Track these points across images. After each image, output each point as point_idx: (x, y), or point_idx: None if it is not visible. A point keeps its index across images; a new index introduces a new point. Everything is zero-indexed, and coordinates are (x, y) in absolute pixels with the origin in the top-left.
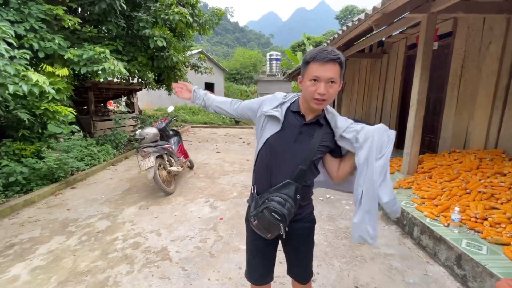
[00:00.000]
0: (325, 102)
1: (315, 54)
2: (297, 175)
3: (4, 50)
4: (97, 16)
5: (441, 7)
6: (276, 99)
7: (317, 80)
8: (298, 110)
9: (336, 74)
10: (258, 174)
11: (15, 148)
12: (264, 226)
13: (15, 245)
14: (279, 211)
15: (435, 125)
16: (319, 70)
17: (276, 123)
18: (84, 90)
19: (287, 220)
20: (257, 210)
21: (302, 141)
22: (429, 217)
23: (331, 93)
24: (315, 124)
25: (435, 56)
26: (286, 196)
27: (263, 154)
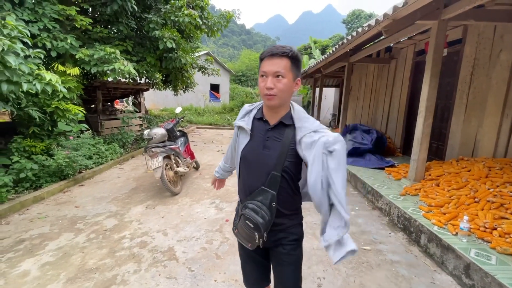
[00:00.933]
0: (276, 98)
1: (264, 50)
2: (270, 181)
3: (20, 49)
4: (108, 16)
5: (452, 14)
6: (243, 110)
7: (264, 75)
8: (261, 116)
9: (284, 68)
10: (239, 184)
11: (26, 145)
12: (242, 234)
13: (25, 240)
14: (252, 219)
15: (442, 132)
16: (266, 64)
17: (245, 133)
18: (93, 89)
19: (262, 230)
20: (237, 219)
21: (271, 147)
22: (436, 225)
23: (280, 88)
24: (281, 127)
25: (444, 63)
26: (260, 203)
27: (241, 166)
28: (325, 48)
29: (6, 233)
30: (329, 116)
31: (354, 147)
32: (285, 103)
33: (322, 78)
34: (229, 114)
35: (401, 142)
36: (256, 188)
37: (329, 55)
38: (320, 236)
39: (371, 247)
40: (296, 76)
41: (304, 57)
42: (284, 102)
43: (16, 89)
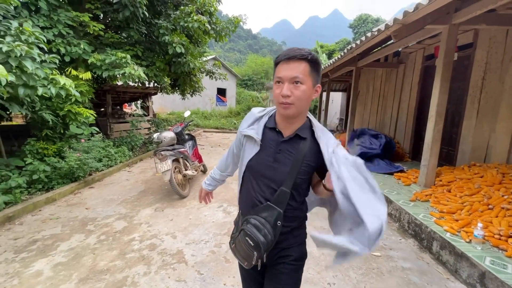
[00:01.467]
0: (293, 107)
1: (279, 54)
2: (278, 198)
3: (37, 54)
4: (119, 22)
5: (463, 19)
6: (252, 115)
7: (280, 81)
8: (274, 126)
9: (302, 72)
10: (242, 195)
11: (39, 147)
12: (240, 251)
13: (38, 241)
14: (253, 236)
15: (453, 137)
16: (282, 69)
17: (254, 143)
18: (103, 93)
19: (262, 250)
20: (237, 233)
21: (282, 161)
22: (449, 232)
23: (298, 95)
24: (296, 139)
25: (454, 67)
26: (264, 221)
27: (246, 177)
28: (331, 53)
29: (20, 233)
30: (336, 120)
31: (362, 152)
32: (302, 113)
33: (329, 83)
34: (235, 118)
35: (410, 147)
36: (261, 202)
37: (337, 59)
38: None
39: (381, 253)
40: (316, 82)
41: None
42: (301, 112)
43: (32, 93)
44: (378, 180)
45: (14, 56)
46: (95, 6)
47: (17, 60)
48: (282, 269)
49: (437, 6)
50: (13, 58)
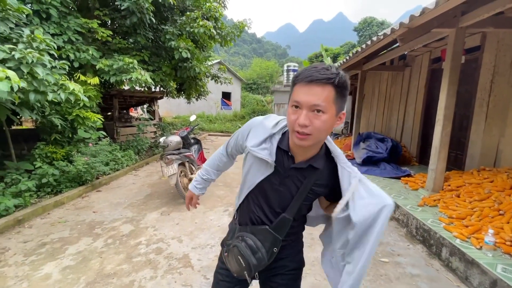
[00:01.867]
0: (310, 138)
1: (300, 72)
2: (278, 224)
3: (47, 61)
4: (126, 28)
5: (470, 22)
6: (264, 129)
7: (298, 106)
8: (286, 149)
9: (326, 100)
10: (243, 207)
11: (48, 151)
12: (231, 263)
13: (46, 244)
14: (246, 257)
15: (461, 141)
16: (301, 93)
17: (266, 164)
18: (110, 97)
19: (253, 271)
20: (231, 242)
21: (288, 185)
22: (459, 238)
23: (317, 126)
24: (309, 168)
25: (462, 70)
26: (260, 244)
27: (251, 193)
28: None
29: (29, 237)
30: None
31: (368, 156)
32: (319, 143)
33: None
34: (240, 121)
35: (417, 151)
36: (262, 221)
37: (342, 63)
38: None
39: (389, 259)
40: (341, 109)
41: None
42: (317, 143)
43: (42, 98)
44: (384, 184)
45: (26, 62)
46: (104, 13)
47: (28, 66)
48: (280, 281)
49: (443, 10)
50: (25, 64)
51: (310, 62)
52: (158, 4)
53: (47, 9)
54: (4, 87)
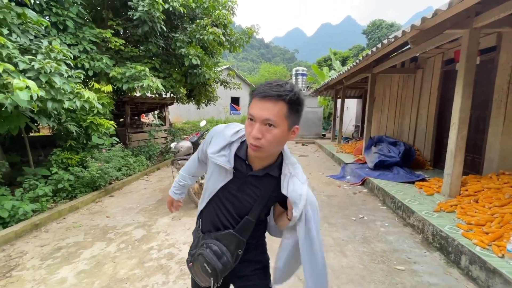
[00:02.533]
0: (263, 150)
1: (257, 88)
2: (242, 227)
3: (64, 70)
4: (138, 37)
5: (484, 22)
6: (224, 137)
7: (252, 119)
8: (244, 158)
9: (277, 115)
10: (206, 213)
11: (63, 157)
12: (196, 272)
13: (62, 248)
14: (212, 263)
15: (478, 144)
16: (255, 107)
17: (225, 171)
18: (122, 104)
19: (220, 276)
20: (195, 251)
21: (246, 192)
22: (479, 246)
23: (269, 139)
24: (266, 176)
25: (477, 72)
26: (225, 248)
27: (212, 200)
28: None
29: (46, 241)
30: (352, 127)
31: (380, 160)
32: (273, 154)
33: (344, 90)
34: None
35: (431, 155)
36: (225, 227)
37: (352, 66)
38: None
39: (404, 266)
40: (294, 124)
41: (325, 68)
42: (272, 154)
43: (59, 106)
44: (398, 189)
45: (44, 72)
46: (117, 23)
47: (47, 76)
48: (247, 283)
49: (457, 11)
50: (43, 74)
51: (319, 65)
52: (168, 13)
53: (64, 20)
54: (24, 96)
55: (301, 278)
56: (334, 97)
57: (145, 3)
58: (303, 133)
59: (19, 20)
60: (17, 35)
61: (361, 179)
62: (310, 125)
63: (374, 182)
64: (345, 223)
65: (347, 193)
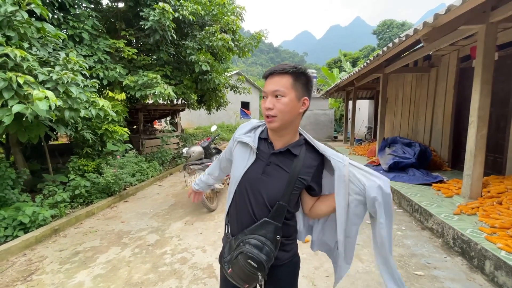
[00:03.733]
0: (276, 119)
1: (266, 71)
2: (276, 212)
3: (80, 80)
4: (150, 46)
5: (501, 16)
6: (250, 124)
7: (265, 96)
8: (266, 136)
9: (284, 86)
10: (232, 212)
11: (80, 164)
12: (240, 275)
13: (79, 253)
14: (255, 257)
15: (499, 143)
16: (266, 84)
17: (249, 152)
18: (135, 111)
19: (266, 268)
20: (231, 255)
21: (271, 174)
22: (504, 250)
23: (279, 108)
24: (287, 154)
25: (496, 68)
26: (263, 238)
27: (241, 190)
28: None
29: (64, 245)
30: (364, 129)
31: (394, 162)
32: (288, 127)
33: (355, 91)
34: None
35: (449, 155)
36: (255, 220)
37: (363, 67)
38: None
39: (424, 272)
40: (302, 95)
41: (335, 70)
42: (286, 125)
43: (76, 115)
44: (414, 191)
45: (62, 83)
46: (129, 33)
47: (64, 86)
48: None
49: (471, 6)
50: (61, 85)
51: (329, 68)
52: (178, 22)
53: (80, 33)
54: (43, 106)
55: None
56: (345, 99)
57: (156, 13)
58: (314, 135)
59: (39, 34)
60: (37, 48)
61: None
62: (321, 128)
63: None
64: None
65: None
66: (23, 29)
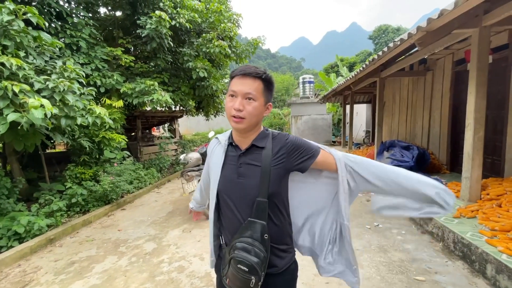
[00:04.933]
0: (244, 121)
1: (237, 69)
2: (257, 210)
3: (77, 88)
4: (147, 53)
5: (494, 20)
6: (220, 134)
7: (234, 95)
8: (231, 141)
9: (256, 90)
10: (222, 224)
11: (77, 172)
12: (235, 282)
13: (75, 262)
14: (245, 260)
15: (497, 145)
16: (237, 84)
17: (217, 162)
18: (133, 119)
19: (259, 271)
20: (226, 266)
21: (246, 174)
22: (505, 253)
23: (249, 111)
24: (254, 150)
25: (491, 71)
26: (250, 240)
27: (219, 201)
28: (352, 65)
29: (60, 255)
30: (362, 133)
31: (393, 165)
32: (253, 128)
33: (353, 95)
34: None
35: (447, 158)
36: (241, 223)
37: (359, 72)
38: None
39: (425, 277)
40: (268, 101)
41: (332, 75)
42: (252, 127)
43: (72, 123)
44: None
45: (58, 91)
46: (127, 41)
47: (60, 94)
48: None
49: (464, 10)
50: (57, 93)
51: (326, 72)
52: (175, 29)
53: (77, 41)
54: (39, 115)
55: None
56: (343, 103)
57: (153, 21)
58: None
59: (35, 43)
60: (34, 57)
61: None
62: (319, 132)
63: None
64: (359, 231)
65: (360, 200)
66: (19, 38)
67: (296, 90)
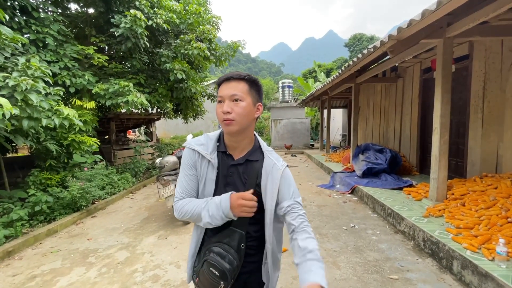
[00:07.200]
0: (235, 123)
1: (221, 77)
2: (238, 219)
3: (42, 87)
4: (122, 53)
5: (456, 32)
6: (201, 136)
7: (222, 100)
8: (224, 149)
9: (241, 91)
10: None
11: (42, 177)
12: (205, 284)
13: (36, 276)
14: (218, 265)
15: (460, 148)
16: (222, 89)
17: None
18: (107, 121)
19: (229, 278)
20: (199, 265)
21: (233, 184)
22: (469, 250)
23: (238, 111)
24: (247, 163)
25: (454, 78)
26: (227, 246)
27: None
28: (329, 71)
29: (19, 269)
30: (339, 137)
31: (368, 167)
32: (245, 130)
33: (330, 100)
34: None
35: (416, 160)
36: (222, 228)
37: (335, 77)
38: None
39: (398, 275)
40: (256, 101)
41: (310, 80)
42: (243, 129)
43: (36, 124)
44: (387, 196)
45: (20, 90)
46: (100, 39)
47: (22, 93)
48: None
49: (429, 21)
50: (18, 92)
51: (304, 78)
52: (152, 29)
53: (44, 38)
54: None
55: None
56: (321, 108)
57: (127, 20)
58: (292, 143)
59: None
60: None
61: (350, 188)
62: (298, 136)
63: (363, 190)
64: (336, 233)
65: (337, 202)
66: None
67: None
